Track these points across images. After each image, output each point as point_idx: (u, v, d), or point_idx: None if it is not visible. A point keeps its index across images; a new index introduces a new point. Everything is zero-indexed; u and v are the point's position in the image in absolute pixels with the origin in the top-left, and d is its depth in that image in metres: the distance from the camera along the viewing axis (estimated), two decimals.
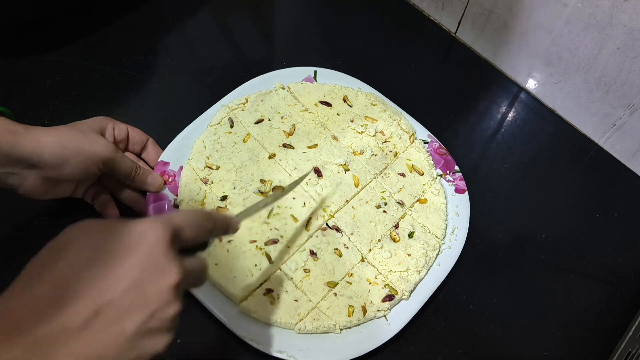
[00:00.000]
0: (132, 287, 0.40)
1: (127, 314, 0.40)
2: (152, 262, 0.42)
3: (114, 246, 0.41)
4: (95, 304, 0.38)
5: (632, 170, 0.91)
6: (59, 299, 0.38)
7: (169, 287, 0.42)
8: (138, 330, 0.40)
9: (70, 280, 0.39)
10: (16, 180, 0.62)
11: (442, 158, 0.84)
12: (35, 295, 0.38)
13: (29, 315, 0.37)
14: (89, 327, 0.38)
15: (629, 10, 0.76)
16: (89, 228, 0.42)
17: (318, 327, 0.67)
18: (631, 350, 0.71)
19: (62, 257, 0.40)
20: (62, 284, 0.38)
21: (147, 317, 0.41)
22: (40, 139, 0.61)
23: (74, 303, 0.38)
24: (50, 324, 0.37)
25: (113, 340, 0.39)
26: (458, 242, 0.77)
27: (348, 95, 0.86)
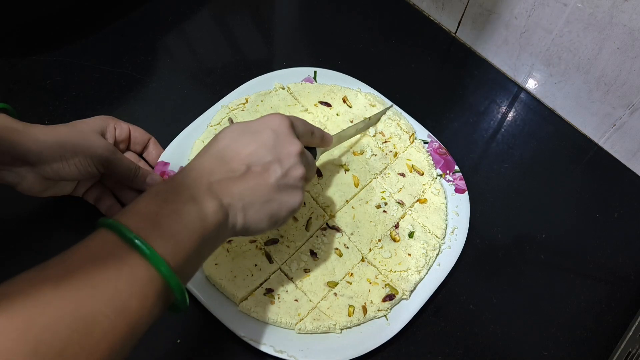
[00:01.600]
0: (270, 149, 0.55)
1: (268, 169, 0.54)
2: (282, 134, 0.56)
3: (253, 127, 0.56)
4: (247, 161, 0.53)
5: (632, 170, 0.90)
6: (222, 160, 0.53)
7: (296, 152, 0.57)
8: (277, 183, 0.54)
9: (227, 149, 0.54)
10: (15, 178, 0.63)
11: (442, 158, 0.84)
12: (206, 161, 0.53)
13: (205, 170, 0.51)
14: (244, 177, 0.52)
15: (629, 10, 0.76)
16: (235, 125, 0.57)
17: (318, 327, 0.67)
18: (631, 350, 0.71)
19: (219, 138, 0.55)
20: (222, 151, 0.53)
21: (283, 173, 0.55)
22: (40, 138, 0.61)
23: (233, 161, 0.53)
24: (220, 173, 0.51)
25: (262, 186, 0.53)
26: (458, 241, 0.77)
27: (347, 95, 0.86)
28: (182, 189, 0.49)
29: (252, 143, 0.54)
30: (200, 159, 0.53)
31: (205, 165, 0.52)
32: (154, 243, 0.43)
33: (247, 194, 0.52)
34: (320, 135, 0.66)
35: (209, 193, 0.49)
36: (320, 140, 0.66)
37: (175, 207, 0.47)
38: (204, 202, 0.48)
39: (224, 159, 0.53)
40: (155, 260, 0.42)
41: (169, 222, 0.45)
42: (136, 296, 0.41)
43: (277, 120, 0.57)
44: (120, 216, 0.44)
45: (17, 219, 0.73)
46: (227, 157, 0.53)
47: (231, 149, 0.54)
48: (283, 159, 0.55)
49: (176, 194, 0.48)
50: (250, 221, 0.53)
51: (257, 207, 0.53)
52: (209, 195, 0.49)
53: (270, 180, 0.54)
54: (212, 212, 0.48)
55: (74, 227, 0.73)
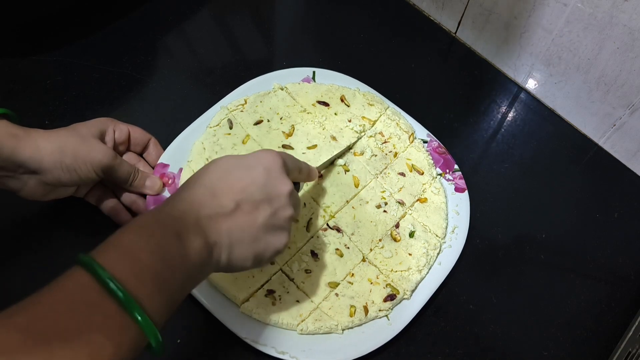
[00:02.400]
0: (261, 188, 0.54)
1: (258, 208, 0.54)
2: (273, 173, 0.56)
3: (246, 162, 0.56)
4: (238, 198, 0.53)
5: (632, 170, 0.91)
6: (213, 193, 0.52)
7: (286, 193, 0.56)
8: (266, 222, 0.54)
9: (219, 182, 0.53)
10: (16, 184, 0.63)
11: (442, 157, 0.84)
12: (196, 193, 0.52)
13: (195, 203, 0.51)
14: (234, 214, 0.52)
15: (629, 10, 0.76)
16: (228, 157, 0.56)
17: (320, 327, 0.67)
18: (631, 350, 0.71)
19: (211, 170, 0.54)
20: (214, 184, 0.53)
21: (271, 213, 0.55)
22: (40, 145, 0.61)
23: (224, 196, 0.52)
24: (209, 208, 0.51)
25: (250, 225, 0.53)
26: (459, 240, 0.77)
27: (345, 95, 0.86)
28: (169, 222, 0.48)
29: (244, 179, 0.54)
30: (191, 190, 0.52)
31: (196, 197, 0.52)
32: (131, 285, 0.41)
33: (235, 232, 0.52)
34: (307, 171, 0.66)
35: (196, 229, 0.49)
36: (307, 176, 0.67)
37: (160, 242, 0.45)
38: (190, 240, 0.48)
39: (215, 193, 0.52)
40: (130, 306, 0.40)
41: (151, 260, 0.44)
42: (110, 345, 0.39)
43: (270, 158, 0.57)
44: (99, 252, 0.43)
45: (17, 219, 0.73)
46: (218, 191, 0.52)
47: (223, 182, 0.53)
48: (273, 198, 0.55)
49: (163, 227, 0.47)
50: (235, 260, 0.53)
51: (243, 246, 0.53)
52: (196, 232, 0.49)
53: (259, 220, 0.54)
54: (197, 251, 0.48)
55: (74, 227, 0.73)
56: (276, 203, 0.55)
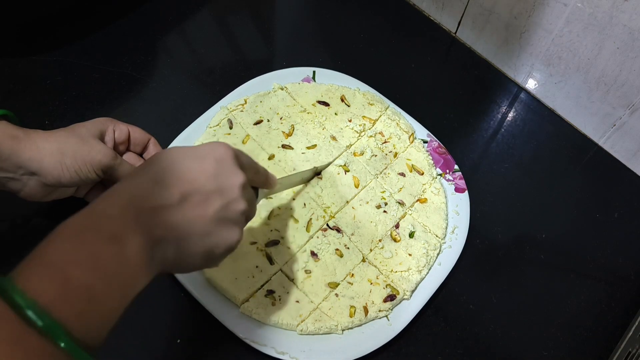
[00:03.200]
0: (211, 179, 0.51)
1: (208, 200, 0.50)
2: (224, 164, 0.53)
3: (196, 152, 0.52)
4: (185, 189, 0.49)
5: (632, 170, 0.91)
6: (159, 183, 0.48)
7: (238, 185, 0.53)
8: (216, 216, 0.51)
9: (167, 172, 0.49)
10: (16, 185, 0.63)
11: (442, 157, 0.84)
12: (138, 184, 0.47)
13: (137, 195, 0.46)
14: (181, 206, 0.48)
15: (629, 10, 0.76)
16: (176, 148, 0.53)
17: (320, 327, 0.67)
18: (631, 350, 0.71)
19: (156, 160, 0.50)
20: (161, 174, 0.49)
21: (222, 205, 0.51)
22: (40, 146, 0.61)
23: (171, 186, 0.48)
24: (154, 200, 0.47)
25: (198, 219, 0.49)
26: (459, 241, 0.77)
27: (345, 94, 0.86)
28: (103, 223, 0.43)
29: (194, 169, 0.51)
30: (134, 180, 0.48)
31: (138, 189, 0.47)
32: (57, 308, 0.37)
33: (182, 226, 0.48)
34: (264, 174, 0.62)
35: (136, 226, 0.44)
36: (265, 180, 0.63)
37: (92, 250, 0.41)
38: (129, 240, 0.43)
39: (162, 183, 0.48)
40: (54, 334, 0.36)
41: (81, 273, 0.39)
42: None
43: (221, 149, 0.54)
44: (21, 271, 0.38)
45: (18, 219, 0.73)
46: (165, 181, 0.48)
47: (170, 172, 0.49)
48: (225, 190, 0.52)
49: (96, 230, 0.42)
50: (183, 256, 0.49)
51: (192, 242, 0.49)
52: (136, 229, 0.44)
53: (209, 213, 0.50)
54: (137, 252, 0.43)
55: None
56: (228, 195, 0.52)
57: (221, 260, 0.54)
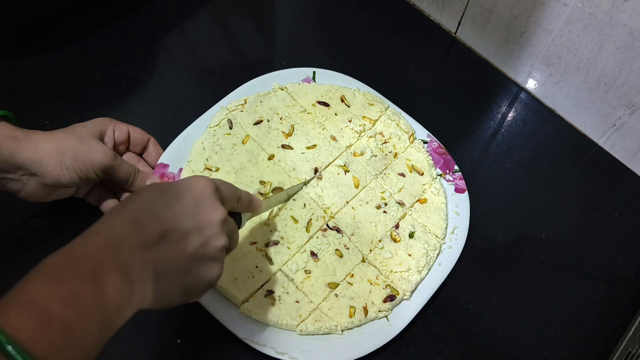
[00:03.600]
0: (190, 216, 0.50)
1: (187, 238, 0.50)
2: (204, 200, 0.52)
3: (174, 188, 0.52)
4: (164, 227, 0.48)
5: (632, 170, 0.91)
6: (137, 222, 0.47)
7: (218, 221, 0.52)
8: (195, 253, 0.50)
9: (145, 210, 0.48)
10: (16, 186, 0.63)
11: (442, 158, 0.84)
12: (116, 223, 0.46)
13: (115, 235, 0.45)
14: (160, 244, 0.47)
15: (629, 10, 0.76)
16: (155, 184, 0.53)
17: (319, 328, 0.67)
18: (631, 350, 0.71)
19: (134, 199, 0.49)
20: (139, 213, 0.48)
21: (202, 243, 0.51)
22: (39, 146, 0.61)
23: (149, 225, 0.47)
24: (132, 239, 0.46)
25: (177, 257, 0.49)
26: (458, 241, 0.77)
27: (345, 95, 0.86)
28: (82, 262, 0.42)
29: (172, 206, 0.50)
30: (112, 220, 0.47)
31: (116, 228, 0.46)
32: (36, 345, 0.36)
33: (161, 264, 0.48)
34: (247, 200, 0.62)
35: (116, 265, 0.43)
36: (248, 206, 0.62)
37: (71, 289, 0.40)
38: (108, 279, 0.42)
39: (138, 222, 0.47)
40: None
41: (61, 311, 0.39)
42: None
43: (201, 184, 0.53)
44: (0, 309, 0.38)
45: (17, 219, 0.73)
46: (142, 220, 0.48)
47: (147, 210, 0.49)
48: (204, 227, 0.51)
49: (75, 268, 0.41)
50: (162, 295, 0.48)
51: (171, 280, 0.49)
52: (115, 269, 0.43)
53: (188, 250, 0.50)
54: (116, 291, 0.42)
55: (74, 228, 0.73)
56: (207, 232, 0.51)
57: (202, 295, 0.54)
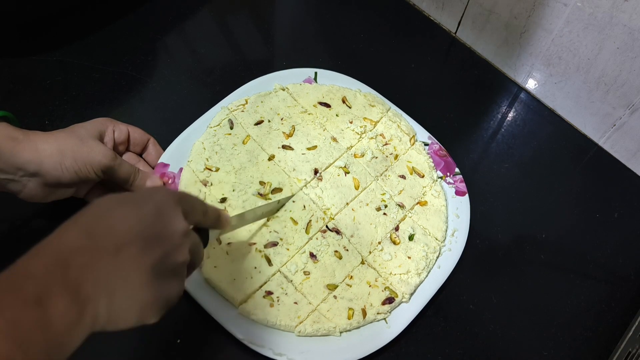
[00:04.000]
0: (149, 227, 0.46)
1: (145, 251, 0.45)
2: (165, 211, 0.48)
3: (134, 198, 0.48)
4: (120, 239, 0.44)
5: (632, 170, 0.91)
6: (90, 235, 0.43)
7: (179, 233, 0.49)
8: (155, 268, 0.46)
9: (99, 222, 0.44)
10: (16, 187, 0.63)
11: (443, 160, 0.84)
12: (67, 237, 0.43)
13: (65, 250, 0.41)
14: (115, 258, 0.43)
15: (629, 10, 0.76)
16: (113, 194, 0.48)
17: (318, 329, 0.67)
18: (631, 350, 0.71)
19: (88, 209, 0.45)
20: (93, 225, 0.44)
21: (161, 257, 0.46)
22: (39, 147, 0.61)
23: (104, 238, 0.43)
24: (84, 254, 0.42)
25: (134, 272, 0.44)
26: (458, 244, 0.77)
27: (347, 96, 0.86)
28: (25, 284, 0.38)
29: (130, 218, 0.46)
30: (63, 234, 0.43)
31: (66, 242, 0.42)
32: None
33: (116, 280, 0.43)
34: (215, 215, 0.58)
35: (64, 285, 0.40)
36: (215, 221, 0.59)
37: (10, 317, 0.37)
38: (53, 302, 0.38)
39: (93, 235, 0.43)
40: None
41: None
42: None
43: (162, 194, 0.50)
44: None
45: (17, 220, 0.73)
46: (96, 233, 0.43)
47: (103, 222, 0.44)
48: (164, 239, 0.47)
49: (17, 292, 0.38)
50: (117, 313, 0.44)
51: (127, 297, 0.44)
52: (63, 289, 0.39)
53: (147, 264, 0.45)
54: (62, 314, 0.39)
55: None
56: (168, 245, 0.47)
57: (160, 315, 0.49)
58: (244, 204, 0.74)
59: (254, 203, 0.74)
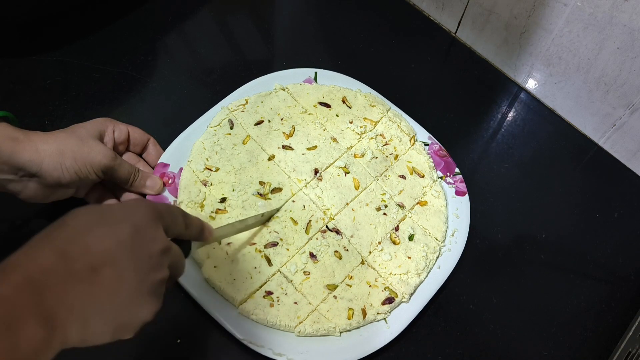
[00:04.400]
0: (126, 248, 0.45)
1: (122, 273, 0.44)
2: (143, 230, 0.47)
3: (111, 216, 0.46)
4: (95, 261, 0.42)
5: (632, 170, 0.91)
6: (64, 256, 0.41)
7: (158, 252, 0.47)
8: (131, 289, 0.44)
9: (74, 243, 0.42)
10: (16, 187, 0.63)
11: (443, 160, 0.84)
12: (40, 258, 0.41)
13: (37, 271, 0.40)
14: (90, 280, 0.42)
15: (629, 10, 0.76)
16: (89, 207, 0.46)
17: (318, 329, 0.67)
18: (631, 350, 0.71)
19: (64, 226, 0.44)
20: (67, 245, 0.42)
21: (139, 277, 0.45)
22: (39, 147, 0.61)
23: (78, 260, 0.42)
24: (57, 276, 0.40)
25: (109, 295, 0.43)
26: (458, 244, 0.77)
27: (347, 96, 0.86)
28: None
29: (106, 238, 0.44)
30: (34, 252, 0.41)
31: (40, 262, 0.40)
32: None
33: (90, 303, 0.42)
34: (198, 228, 0.57)
35: (35, 310, 0.38)
36: (198, 233, 0.57)
37: None
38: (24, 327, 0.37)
39: (67, 256, 0.41)
40: None
41: None
42: None
43: (140, 211, 0.48)
44: None
45: (17, 220, 0.73)
46: (71, 254, 0.42)
47: (78, 242, 0.43)
48: (142, 259, 0.46)
49: None
50: (89, 335, 0.42)
51: (101, 319, 0.43)
52: (35, 313, 0.38)
53: (122, 287, 0.44)
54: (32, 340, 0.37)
55: None
56: (146, 265, 0.46)
57: (134, 333, 0.47)
58: (244, 204, 0.74)
59: (254, 203, 0.74)
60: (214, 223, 0.72)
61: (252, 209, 0.74)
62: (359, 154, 0.81)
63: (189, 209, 0.73)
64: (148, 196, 0.73)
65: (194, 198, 0.73)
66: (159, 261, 0.47)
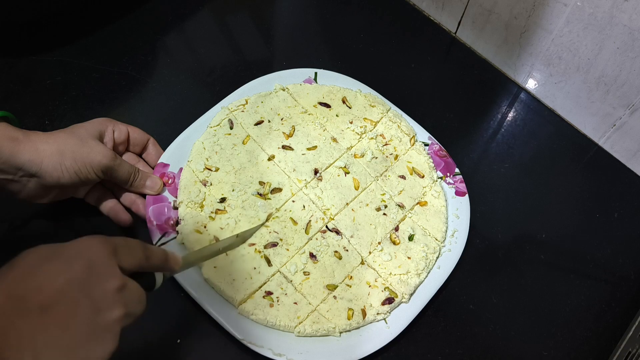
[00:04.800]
0: (79, 286, 0.44)
1: (74, 311, 0.43)
2: (98, 266, 0.46)
3: (63, 253, 0.45)
4: (47, 299, 0.42)
5: (632, 170, 0.90)
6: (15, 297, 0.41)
7: (113, 290, 0.46)
8: (84, 328, 0.43)
9: (25, 282, 0.42)
10: (16, 187, 0.63)
11: (443, 160, 0.84)
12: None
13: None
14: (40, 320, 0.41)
15: (629, 10, 0.76)
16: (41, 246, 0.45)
17: (317, 330, 0.67)
18: (631, 350, 0.71)
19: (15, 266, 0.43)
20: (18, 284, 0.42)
21: (92, 316, 0.44)
22: (39, 147, 0.61)
23: (28, 298, 0.41)
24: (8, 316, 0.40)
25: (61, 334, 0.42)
26: (458, 244, 0.77)
27: (347, 96, 0.86)
28: None
29: (59, 276, 0.43)
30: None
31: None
32: None
33: (42, 343, 0.41)
34: (161, 258, 0.55)
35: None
36: (162, 264, 0.55)
37: None
38: None
39: (17, 297, 0.41)
40: None
41: None
42: None
43: (94, 248, 0.46)
44: None
45: (17, 220, 0.73)
46: (22, 293, 0.41)
47: (30, 281, 0.42)
48: (95, 297, 0.45)
49: None
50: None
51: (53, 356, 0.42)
52: None
53: (75, 326, 0.43)
54: None
55: (74, 228, 0.74)
56: (99, 303, 0.45)
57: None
58: (244, 204, 0.74)
59: (254, 203, 0.74)
60: (214, 223, 0.72)
61: (252, 209, 0.74)
62: (359, 154, 0.81)
63: (189, 209, 0.73)
64: (147, 197, 0.73)
65: (194, 198, 0.73)
66: (113, 299, 0.46)
